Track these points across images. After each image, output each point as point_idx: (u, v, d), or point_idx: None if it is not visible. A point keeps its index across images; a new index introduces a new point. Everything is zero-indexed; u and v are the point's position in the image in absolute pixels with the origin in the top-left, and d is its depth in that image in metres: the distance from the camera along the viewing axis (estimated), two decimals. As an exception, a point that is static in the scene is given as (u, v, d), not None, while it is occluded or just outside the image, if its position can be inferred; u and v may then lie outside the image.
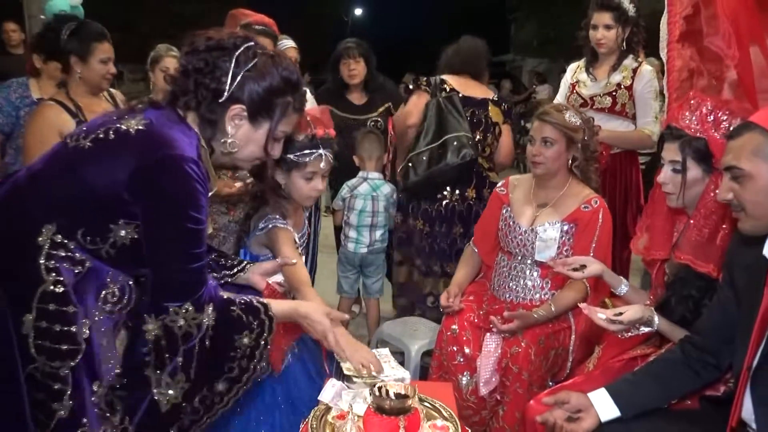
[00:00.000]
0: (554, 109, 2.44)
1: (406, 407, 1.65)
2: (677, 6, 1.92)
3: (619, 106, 3.03)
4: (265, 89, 1.51)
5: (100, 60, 2.66)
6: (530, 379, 2.25)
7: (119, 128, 1.42)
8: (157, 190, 1.38)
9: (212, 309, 1.46)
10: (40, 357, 1.36)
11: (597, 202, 2.40)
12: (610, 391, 1.68)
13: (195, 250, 1.43)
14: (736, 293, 1.59)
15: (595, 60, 3.12)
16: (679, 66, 1.93)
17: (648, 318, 1.82)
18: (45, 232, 1.38)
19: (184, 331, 1.42)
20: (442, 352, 2.45)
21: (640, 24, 3.06)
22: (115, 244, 1.42)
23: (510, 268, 2.52)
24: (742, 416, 1.52)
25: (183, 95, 1.51)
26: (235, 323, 1.50)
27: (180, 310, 1.41)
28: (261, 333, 1.53)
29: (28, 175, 1.45)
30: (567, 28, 14.23)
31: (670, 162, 1.84)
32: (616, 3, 2.98)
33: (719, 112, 1.75)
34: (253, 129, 1.55)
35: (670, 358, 1.72)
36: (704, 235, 1.75)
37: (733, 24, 1.78)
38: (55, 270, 1.37)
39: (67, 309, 1.37)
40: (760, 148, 1.39)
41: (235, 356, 1.50)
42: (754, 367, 1.47)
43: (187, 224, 1.40)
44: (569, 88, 3.19)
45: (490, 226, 2.60)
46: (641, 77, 3.01)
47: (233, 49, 1.50)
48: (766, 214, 1.41)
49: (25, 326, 1.35)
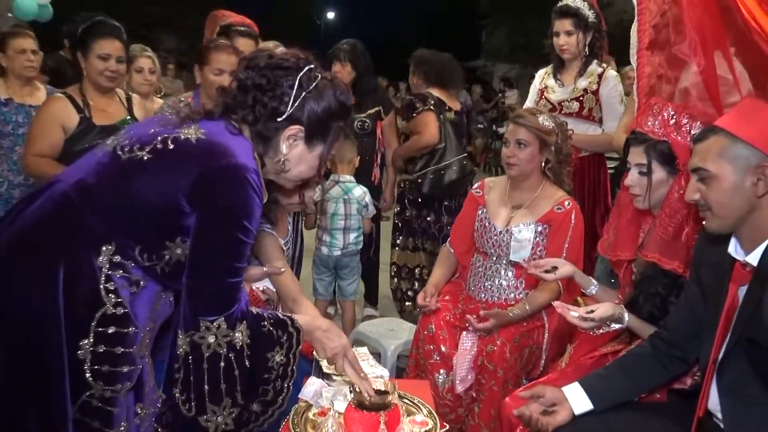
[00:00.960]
0: (528, 113, 2.52)
1: (386, 403, 1.68)
2: (646, 15, 1.99)
3: (586, 110, 3.13)
4: (324, 112, 1.50)
5: (98, 56, 2.63)
6: (505, 377, 2.30)
7: (178, 138, 1.38)
8: (217, 197, 1.36)
9: (246, 326, 1.42)
10: (98, 383, 1.32)
11: (569, 204, 2.47)
12: (583, 385, 1.73)
13: (237, 264, 1.40)
14: (702, 290, 1.66)
15: (562, 66, 3.22)
16: (648, 72, 2.01)
17: (618, 315, 1.88)
18: (104, 253, 1.34)
19: (212, 351, 1.37)
20: (419, 350, 2.49)
21: (602, 30, 3.17)
22: (170, 262, 1.38)
23: (485, 268, 2.57)
24: (709, 407, 1.59)
25: (240, 109, 1.48)
26: (267, 340, 1.46)
27: (212, 325, 1.37)
28: (290, 347, 1.50)
29: (80, 189, 1.37)
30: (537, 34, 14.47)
31: (636, 165, 1.91)
32: (575, 9, 3.08)
33: (680, 116, 1.83)
34: (307, 150, 1.53)
35: (639, 352, 1.79)
36: (669, 233, 1.82)
37: (699, 32, 1.86)
38: (114, 292, 1.33)
39: (128, 330, 1.34)
40: (725, 150, 1.45)
41: (270, 378, 1.46)
42: (720, 360, 1.54)
43: (239, 234, 1.37)
44: (538, 94, 3.27)
45: (466, 227, 2.66)
46: (607, 82, 3.11)
47: (296, 70, 1.48)
48: (731, 214, 1.47)
49: (82, 352, 1.31)
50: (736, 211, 1.46)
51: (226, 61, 2.63)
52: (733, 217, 1.47)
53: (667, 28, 1.96)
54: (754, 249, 1.47)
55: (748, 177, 1.43)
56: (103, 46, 2.63)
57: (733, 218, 1.47)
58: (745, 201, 1.44)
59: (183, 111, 1.51)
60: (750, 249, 1.48)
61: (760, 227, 1.46)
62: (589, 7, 3.10)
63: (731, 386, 1.51)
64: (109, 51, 2.64)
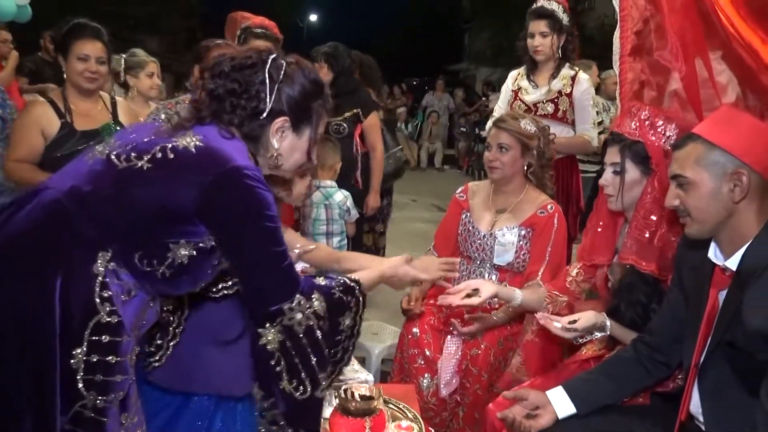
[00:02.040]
0: (511, 117, 2.55)
1: (371, 408, 1.69)
2: (628, 22, 2.01)
3: (560, 112, 3.18)
4: (301, 95, 1.51)
5: (77, 57, 2.60)
6: (489, 380, 2.31)
7: (177, 146, 1.37)
8: (230, 202, 1.36)
9: (318, 294, 1.48)
10: (90, 392, 1.29)
11: (552, 208, 2.49)
12: (566, 388, 1.74)
13: (279, 248, 1.42)
14: (684, 294, 1.68)
15: (535, 68, 3.27)
16: (631, 78, 2.03)
17: (601, 323, 1.89)
18: (101, 260, 1.32)
19: (305, 326, 1.43)
20: (404, 355, 2.49)
21: (574, 33, 3.24)
22: (172, 264, 1.37)
23: (469, 272, 2.58)
24: (691, 410, 1.61)
25: (225, 115, 1.48)
26: (338, 306, 1.52)
27: (293, 305, 1.42)
28: (357, 311, 1.56)
29: (74, 197, 1.35)
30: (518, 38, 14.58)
31: (611, 164, 1.93)
32: (550, 11, 3.13)
33: (656, 117, 1.86)
34: (297, 137, 1.54)
35: (623, 356, 1.80)
36: (645, 236, 1.84)
37: (680, 39, 1.89)
38: (108, 300, 1.31)
39: (121, 339, 1.33)
40: (702, 157, 1.48)
41: (340, 339, 1.53)
42: (701, 363, 1.55)
43: (266, 223, 1.39)
44: (512, 96, 3.31)
45: (450, 232, 2.67)
46: (579, 85, 3.17)
47: (262, 64, 1.48)
48: (710, 219, 1.50)
49: (75, 361, 1.29)
50: (715, 217, 1.49)
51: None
52: (712, 222, 1.50)
53: (649, 35, 1.98)
54: (734, 254, 1.49)
55: (725, 183, 1.46)
56: (82, 47, 2.60)
57: (712, 223, 1.50)
58: (722, 206, 1.47)
59: (174, 118, 1.50)
60: (729, 254, 1.50)
61: (738, 232, 1.48)
62: (563, 11, 3.16)
63: (712, 389, 1.53)
64: (88, 52, 2.61)
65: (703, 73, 1.88)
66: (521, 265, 2.49)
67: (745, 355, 1.44)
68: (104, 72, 2.72)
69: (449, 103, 13.25)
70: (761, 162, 1.44)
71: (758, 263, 1.42)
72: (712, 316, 1.53)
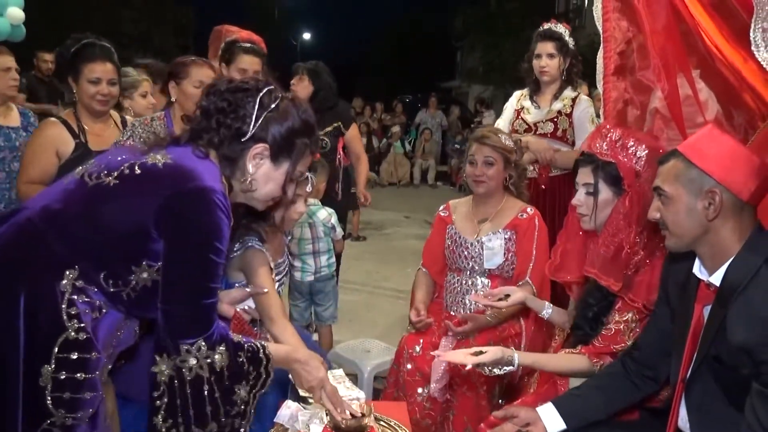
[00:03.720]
0: (491, 133, 2.64)
1: (362, 426, 1.69)
2: (611, 42, 2.06)
3: (560, 131, 3.22)
4: (287, 129, 1.53)
5: (88, 80, 2.59)
6: (478, 382, 2.33)
7: (145, 163, 1.40)
8: (185, 221, 1.37)
9: (224, 348, 1.41)
10: (59, 410, 1.30)
11: (531, 210, 2.61)
12: (556, 405, 1.75)
13: (211, 284, 1.40)
14: (670, 309, 1.70)
15: (538, 89, 3.32)
16: (614, 97, 2.07)
17: (508, 358, 1.91)
18: (67, 277, 1.33)
19: (195, 374, 1.37)
20: (400, 368, 2.49)
21: (578, 58, 3.29)
22: (136, 287, 1.38)
23: (461, 284, 2.63)
24: (679, 425, 1.62)
25: (205, 133, 1.50)
26: (238, 371, 1.45)
27: (192, 348, 1.37)
28: (254, 386, 1.48)
29: (45, 215, 1.38)
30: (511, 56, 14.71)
31: (584, 185, 1.96)
32: (558, 34, 3.21)
33: (626, 138, 1.89)
34: (273, 168, 1.55)
35: (611, 372, 1.82)
36: (610, 251, 1.87)
37: (662, 59, 1.92)
38: (76, 317, 1.32)
39: (90, 356, 1.33)
40: (681, 173, 1.52)
41: (230, 411, 1.44)
42: (688, 378, 1.57)
43: (210, 255, 1.38)
44: (514, 114, 3.35)
45: (437, 248, 2.73)
46: (579, 105, 3.22)
47: (256, 91, 1.52)
48: (685, 234, 1.54)
49: (43, 378, 1.29)
50: (690, 231, 1.52)
51: (206, 74, 2.60)
52: (688, 237, 1.53)
53: (632, 55, 2.02)
54: (717, 269, 1.52)
55: (700, 201, 1.49)
56: (93, 70, 2.59)
57: (688, 237, 1.54)
58: (697, 223, 1.51)
59: (150, 138, 1.53)
60: (713, 269, 1.53)
61: (719, 249, 1.51)
62: (569, 35, 3.24)
63: (698, 404, 1.55)
64: (99, 75, 2.59)
65: (686, 90, 1.92)
66: (511, 267, 2.55)
67: (729, 370, 1.46)
68: (116, 93, 2.71)
69: (442, 120, 13.33)
70: (736, 184, 1.47)
71: (740, 279, 1.45)
72: (698, 331, 1.55)
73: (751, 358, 1.39)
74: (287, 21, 27.30)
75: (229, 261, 2.09)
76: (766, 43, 1.61)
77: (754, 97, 1.82)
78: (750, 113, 1.89)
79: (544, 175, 3.21)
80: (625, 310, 1.88)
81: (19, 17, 3.62)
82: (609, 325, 1.90)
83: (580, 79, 3.41)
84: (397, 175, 12.10)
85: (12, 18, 3.59)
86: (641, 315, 1.86)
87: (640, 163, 1.85)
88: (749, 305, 1.41)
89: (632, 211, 1.84)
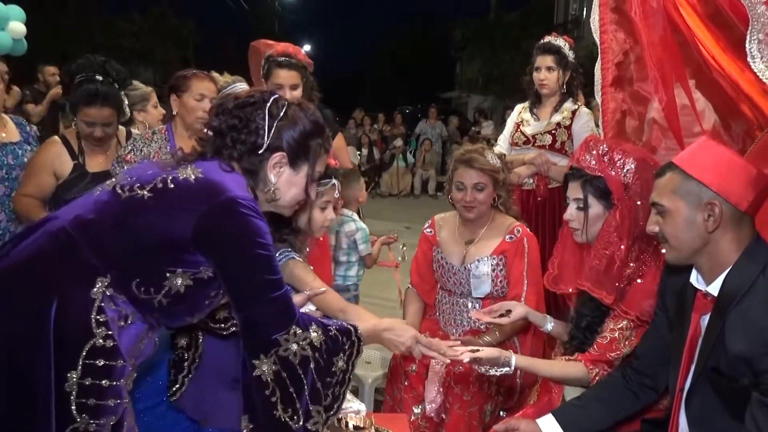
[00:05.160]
0: (477, 154, 2.49)
1: (362, 438, 1.68)
2: (609, 54, 2.07)
3: (558, 143, 3.21)
4: (300, 133, 1.56)
5: (83, 121, 2.61)
6: (471, 401, 2.31)
7: (177, 177, 1.43)
8: (224, 230, 1.40)
9: (316, 326, 1.47)
10: (83, 416, 1.32)
11: (519, 231, 2.49)
12: (556, 416, 1.75)
13: (273, 277, 1.44)
14: (668, 319, 1.70)
15: (539, 102, 3.33)
16: (612, 108, 2.08)
17: (505, 359, 1.91)
18: (99, 285, 1.36)
19: (300, 356, 1.43)
20: (396, 385, 2.48)
21: (579, 71, 3.29)
22: (169, 293, 1.41)
23: (452, 304, 2.59)
24: (679, 436, 1.61)
25: (225, 150, 1.53)
26: (334, 343, 1.51)
27: (289, 335, 1.42)
28: (351, 354, 1.54)
29: (78, 224, 1.41)
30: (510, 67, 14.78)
31: (574, 200, 1.96)
32: (557, 47, 3.22)
33: (613, 152, 1.88)
34: (294, 173, 1.58)
35: (611, 382, 1.81)
36: (602, 264, 1.88)
37: (659, 70, 1.94)
38: (104, 324, 1.35)
39: (116, 363, 1.35)
40: (678, 187, 1.51)
41: (331, 382, 1.50)
42: (687, 389, 1.57)
43: (258, 250, 1.41)
44: (514, 127, 3.36)
45: (425, 267, 2.68)
46: (579, 118, 3.21)
47: (263, 103, 1.54)
48: (685, 247, 1.53)
49: (68, 384, 1.32)
50: (690, 244, 1.52)
51: (207, 87, 2.61)
52: (688, 250, 1.53)
53: (629, 66, 2.04)
54: (714, 279, 1.52)
55: (699, 213, 1.49)
56: (88, 114, 2.60)
57: (688, 251, 1.53)
58: (697, 235, 1.50)
59: (178, 154, 1.56)
60: (710, 279, 1.53)
61: (717, 259, 1.51)
62: (569, 48, 3.24)
63: (699, 415, 1.54)
64: (93, 119, 2.60)
65: (683, 100, 1.93)
66: (500, 292, 2.49)
67: (729, 381, 1.46)
68: (111, 132, 2.70)
69: (442, 130, 13.36)
70: (734, 194, 1.47)
71: (738, 289, 1.45)
72: (695, 340, 1.55)
73: (750, 368, 1.39)
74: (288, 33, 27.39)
75: None
76: (762, 54, 1.62)
77: (752, 107, 1.83)
78: (748, 123, 1.90)
79: (542, 187, 3.20)
80: (620, 318, 1.88)
81: (21, 31, 3.64)
82: (604, 333, 1.90)
83: (579, 91, 3.42)
84: (398, 186, 12.12)
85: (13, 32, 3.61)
86: (635, 323, 1.87)
87: (628, 176, 1.85)
88: (747, 315, 1.42)
89: (623, 224, 1.84)
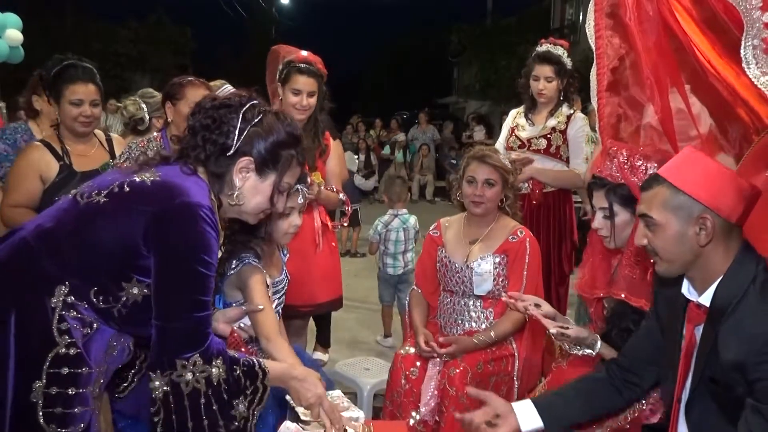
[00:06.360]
0: (491, 152, 2.60)
1: (360, 446, 1.67)
2: (604, 59, 2.07)
3: (553, 148, 3.20)
4: (272, 142, 1.55)
5: (70, 102, 2.55)
6: (466, 404, 2.29)
7: (134, 181, 1.43)
8: (172, 235, 1.39)
9: (221, 362, 1.42)
10: (51, 426, 1.31)
11: (522, 233, 2.55)
12: (535, 402, 1.74)
13: (202, 297, 1.41)
14: (660, 322, 1.70)
15: (534, 107, 3.31)
16: (608, 112, 2.07)
17: (591, 341, 1.92)
18: (57, 293, 1.36)
19: (192, 387, 1.38)
20: (396, 389, 2.47)
21: (575, 76, 3.28)
22: (127, 303, 1.40)
23: (454, 304, 2.61)
24: (678, 443, 1.60)
25: (192, 150, 1.53)
26: (236, 385, 1.46)
27: (188, 363, 1.38)
28: (252, 402, 1.49)
29: (38, 233, 1.41)
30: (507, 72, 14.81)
31: (600, 209, 1.96)
32: (557, 57, 3.19)
33: (634, 158, 1.88)
34: (260, 180, 1.57)
35: (594, 376, 1.82)
36: (636, 273, 1.87)
37: (654, 75, 1.93)
38: (67, 332, 1.34)
39: (81, 371, 1.35)
40: (668, 200, 1.50)
41: (230, 426, 1.44)
42: (687, 399, 1.56)
43: (198, 267, 1.40)
44: (509, 131, 3.35)
45: (429, 268, 2.70)
46: (574, 122, 3.20)
47: (239, 107, 1.55)
48: (677, 260, 1.52)
49: (34, 394, 1.31)
50: (681, 257, 1.51)
51: (202, 95, 2.53)
52: (680, 263, 1.52)
53: (625, 71, 2.03)
54: (706, 290, 1.51)
55: (691, 227, 1.47)
56: (75, 91, 2.55)
57: (680, 263, 1.52)
58: (689, 249, 1.49)
59: (141, 158, 1.57)
60: (702, 290, 1.52)
61: (708, 271, 1.50)
62: (566, 55, 3.22)
63: (699, 424, 1.54)
64: (81, 96, 2.56)
65: (679, 105, 1.92)
66: (502, 292, 2.50)
67: (725, 390, 1.45)
68: (98, 114, 2.67)
69: (434, 134, 13.37)
70: (725, 207, 1.46)
71: (730, 299, 1.44)
72: (690, 351, 1.54)
73: (744, 377, 1.39)
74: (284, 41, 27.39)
75: (226, 279, 2.10)
76: (757, 60, 1.62)
77: (748, 111, 1.82)
78: (744, 127, 1.89)
79: (538, 191, 3.20)
80: None
81: (18, 39, 3.66)
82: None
83: (576, 95, 3.41)
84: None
85: (10, 40, 3.63)
86: None
87: None
88: (739, 324, 1.41)
89: None
